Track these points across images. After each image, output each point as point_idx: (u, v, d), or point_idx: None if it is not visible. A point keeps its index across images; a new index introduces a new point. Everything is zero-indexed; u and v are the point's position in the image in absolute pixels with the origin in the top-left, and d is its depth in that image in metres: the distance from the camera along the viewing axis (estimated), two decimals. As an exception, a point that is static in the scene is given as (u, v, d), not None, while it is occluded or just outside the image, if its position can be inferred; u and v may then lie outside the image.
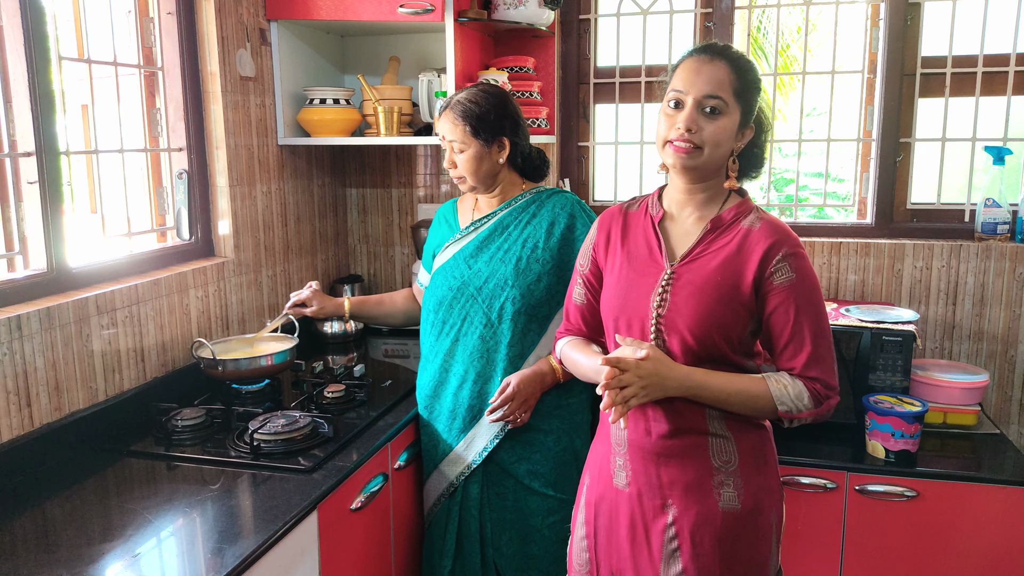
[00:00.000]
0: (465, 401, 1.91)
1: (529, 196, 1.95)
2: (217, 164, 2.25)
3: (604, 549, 1.53)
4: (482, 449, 1.90)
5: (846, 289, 2.53)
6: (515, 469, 1.91)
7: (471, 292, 1.91)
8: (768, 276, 1.40)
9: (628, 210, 1.58)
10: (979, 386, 2.13)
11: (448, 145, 1.89)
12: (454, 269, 1.95)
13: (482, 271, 1.91)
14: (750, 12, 2.71)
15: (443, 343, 1.96)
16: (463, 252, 1.95)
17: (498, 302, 1.89)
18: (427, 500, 2.00)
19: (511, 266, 1.89)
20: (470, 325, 1.91)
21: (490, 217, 1.95)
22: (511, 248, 1.90)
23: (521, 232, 1.91)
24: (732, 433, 1.43)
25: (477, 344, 1.90)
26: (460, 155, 1.88)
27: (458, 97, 1.89)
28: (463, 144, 1.86)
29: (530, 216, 1.92)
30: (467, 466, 1.92)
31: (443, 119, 1.89)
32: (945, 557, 1.93)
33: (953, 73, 2.50)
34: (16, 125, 1.70)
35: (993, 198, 2.40)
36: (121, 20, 2.06)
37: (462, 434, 1.92)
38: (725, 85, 1.39)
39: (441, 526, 1.97)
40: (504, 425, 1.89)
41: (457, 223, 2.03)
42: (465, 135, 1.86)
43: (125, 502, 1.50)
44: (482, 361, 1.90)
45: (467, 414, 1.92)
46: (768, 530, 1.46)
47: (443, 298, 1.95)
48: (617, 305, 1.48)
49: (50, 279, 1.75)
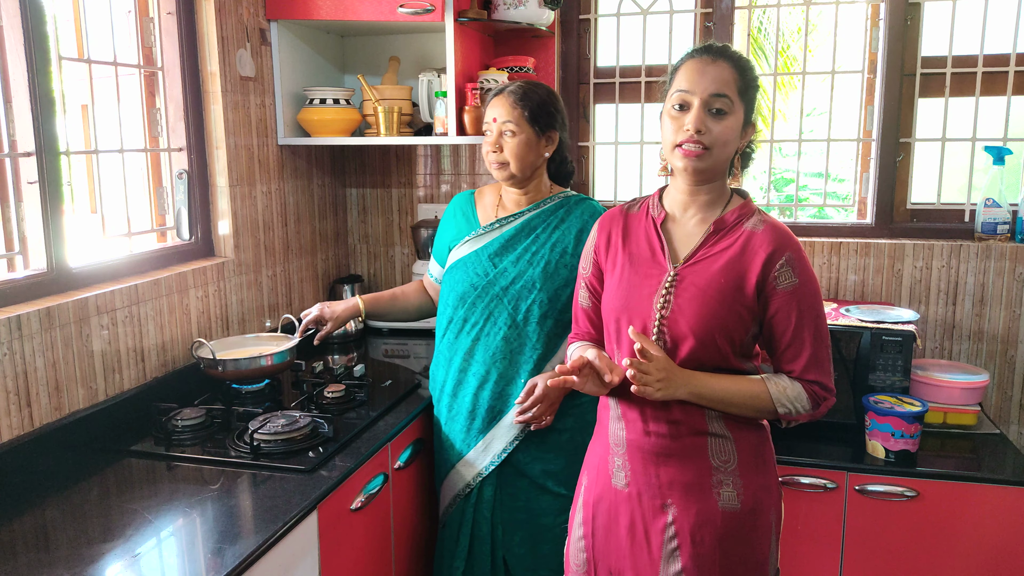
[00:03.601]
0: (485, 402, 1.91)
1: (558, 200, 1.94)
2: (217, 164, 2.25)
3: (602, 549, 1.53)
4: (501, 451, 1.90)
5: (846, 289, 2.53)
6: (530, 469, 1.91)
7: (496, 292, 1.90)
8: (771, 280, 1.40)
9: (629, 212, 1.58)
10: (979, 386, 2.13)
11: (497, 127, 1.86)
12: (476, 266, 1.93)
13: (508, 271, 1.90)
14: (750, 12, 2.71)
15: (463, 341, 1.94)
16: (486, 249, 1.93)
17: (524, 304, 1.88)
18: (443, 500, 2.00)
19: (539, 269, 1.88)
20: (493, 325, 1.90)
21: (517, 216, 1.94)
22: (539, 251, 1.90)
23: (550, 236, 1.90)
24: (731, 433, 1.44)
25: (500, 345, 1.89)
26: (511, 139, 1.85)
27: (514, 84, 1.88)
28: (517, 128, 1.85)
29: (559, 220, 1.91)
30: (484, 467, 1.91)
31: (497, 102, 1.87)
32: (945, 557, 1.93)
33: (953, 73, 2.50)
34: (16, 125, 1.70)
35: (993, 198, 2.40)
36: (121, 20, 2.06)
37: (480, 435, 1.92)
38: (730, 84, 1.39)
39: (455, 527, 1.96)
40: (524, 427, 1.88)
41: (476, 217, 2.00)
42: (521, 119, 1.85)
43: (125, 502, 1.50)
44: (505, 362, 1.89)
45: (487, 415, 1.91)
46: (767, 529, 1.46)
47: (464, 294, 1.93)
48: (619, 307, 1.48)
49: (50, 279, 1.75)
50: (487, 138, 1.88)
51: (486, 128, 1.89)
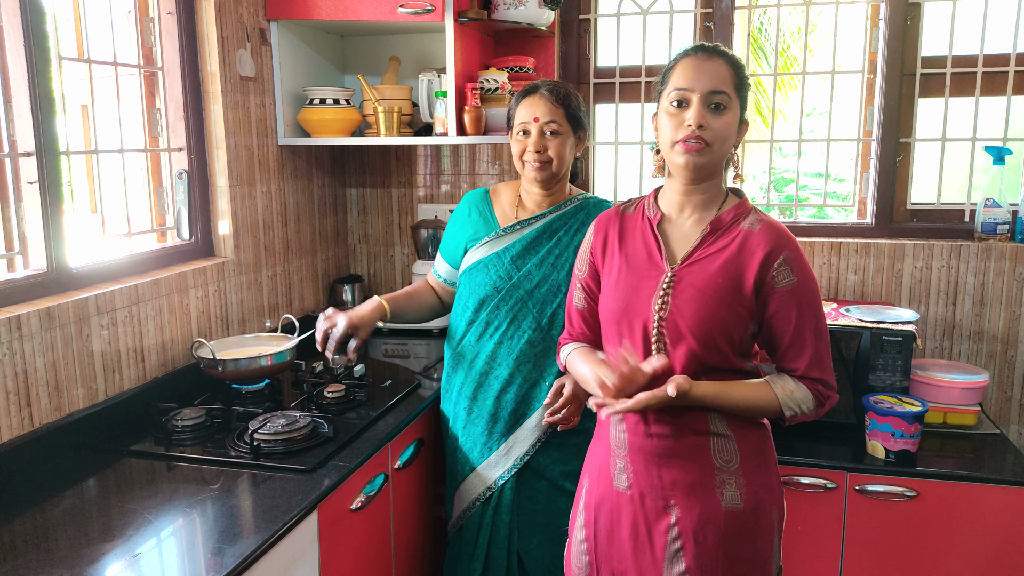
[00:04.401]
0: (509, 405, 1.90)
1: (578, 202, 1.94)
2: (217, 164, 2.25)
3: (604, 551, 1.53)
4: (523, 454, 1.90)
5: (846, 289, 2.53)
6: (550, 471, 1.90)
7: (521, 295, 1.89)
8: (770, 279, 1.40)
9: (624, 213, 1.58)
10: (979, 386, 2.13)
11: (539, 127, 1.83)
12: (499, 268, 1.91)
13: (533, 274, 1.89)
14: (750, 12, 2.70)
15: (486, 344, 1.92)
16: (508, 251, 1.92)
17: (550, 308, 1.88)
18: (458, 505, 1.98)
19: (564, 272, 1.88)
20: (517, 329, 1.89)
21: (539, 218, 1.93)
22: (563, 254, 1.89)
23: (572, 238, 1.90)
24: (733, 432, 1.44)
25: (525, 348, 1.89)
26: (554, 138, 1.84)
27: (548, 84, 1.87)
28: (560, 127, 1.84)
29: (579, 224, 1.91)
30: (507, 470, 1.90)
31: (535, 101, 1.84)
32: (945, 557, 1.93)
33: (953, 73, 2.50)
34: (16, 125, 1.70)
35: (993, 198, 2.40)
36: (121, 20, 2.06)
37: (503, 438, 1.91)
38: (727, 80, 1.40)
39: (474, 530, 1.95)
40: (546, 429, 1.88)
41: (494, 217, 1.98)
42: (563, 118, 1.84)
43: (125, 502, 1.50)
44: (529, 365, 1.89)
45: (510, 418, 1.90)
46: (770, 528, 1.46)
47: (487, 297, 1.92)
48: (618, 309, 1.48)
49: (50, 279, 1.75)
50: (527, 138, 1.85)
51: (523, 127, 1.85)
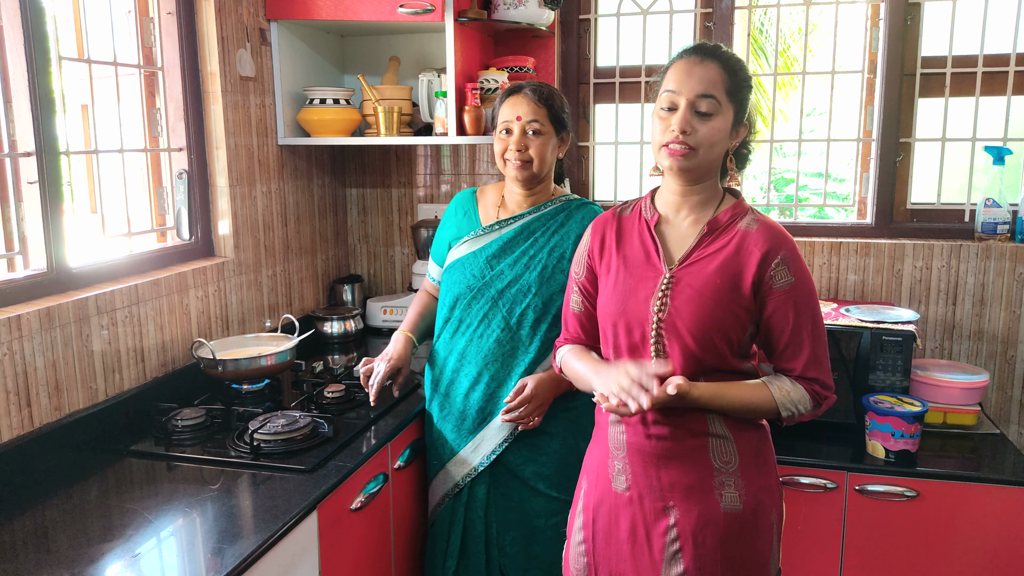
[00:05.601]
0: (476, 403, 1.91)
1: (559, 203, 1.93)
2: (217, 164, 2.25)
3: (603, 553, 1.53)
4: (490, 452, 1.90)
5: (846, 289, 2.53)
6: (522, 471, 1.91)
7: (492, 294, 1.89)
8: (767, 279, 1.40)
9: (621, 214, 1.57)
10: (979, 386, 2.13)
11: (521, 126, 1.83)
12: (473, 267, 1.92)
13: (505, 274, 1.90)
14: (750, 12, 2.70)
15: (458, 342, 1.94)
16: (485, 251, 1.92)
17: (519, 308, 1.88)
18: (431, 499, 2.00)
19: (535, 273, 1.88)
20: (487, 327, 1.90)
21: (517, 219, 1.93)
22: (537, 255, 1.89)
23: (548, 240, 1.90)
24: (732, 433, 1.44)
25: (493, 347, 1.89)
26: (536, 137, 1.84)
27: (532, 83, 1.88)
28: (542, 126, 1.84)
29: (558, 225, 1.91)
30: (474, 468, 1.91)
31: (518, 100, 1.85)
32: (945, 557, 1.93)
33: (953, 73, 2.50)
34: (16, 125, 1.70)
35: (993, 198, 2.40)
36: (121, 20, 2.06)
37: (471, 436, 1.92)
38: (718, 85, 1.39)
39: (445, 526, 1.96)
40: (514, 428, 1.88)
41: (477, 217, 1.99)
42: (546, 118, 1.85)
43: (125, 502, 1.50)
44: (496, 364, 1.89)
45: (477, 416, 1.91)
46: (769, 529, 1.46)
47: (460, 295, 1.93)
48: (616, 311, 1.48)
49: (50, 279, 1.75)
50: (509, 137, 1.85)
51: (506, 126, 1.85)
